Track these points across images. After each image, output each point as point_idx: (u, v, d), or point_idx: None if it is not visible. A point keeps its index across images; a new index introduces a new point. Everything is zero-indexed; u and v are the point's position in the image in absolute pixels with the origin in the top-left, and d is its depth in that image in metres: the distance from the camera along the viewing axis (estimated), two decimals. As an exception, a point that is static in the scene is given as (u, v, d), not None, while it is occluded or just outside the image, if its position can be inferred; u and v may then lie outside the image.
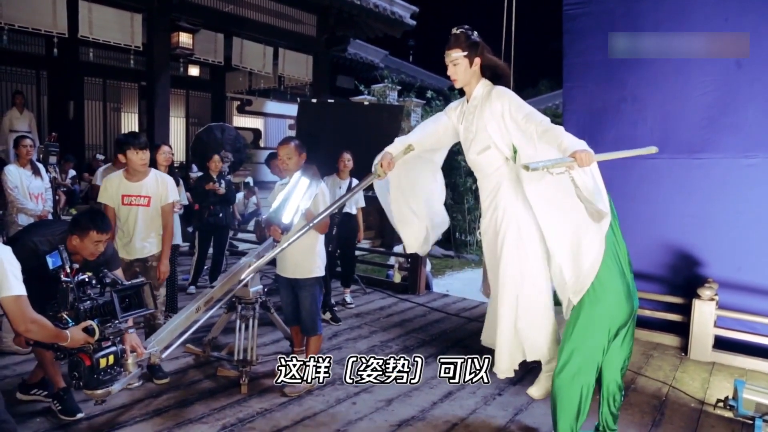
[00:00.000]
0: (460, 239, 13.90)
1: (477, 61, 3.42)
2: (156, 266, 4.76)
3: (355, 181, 6.80)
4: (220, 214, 7.53)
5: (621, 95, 6.14)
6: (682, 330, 5.86)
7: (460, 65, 3.41)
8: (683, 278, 5.94)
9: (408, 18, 13.58)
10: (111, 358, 3.32)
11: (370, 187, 3.96)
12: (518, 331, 3.46)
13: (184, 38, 10.87)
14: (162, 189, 4.74)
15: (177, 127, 15.26)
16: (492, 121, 3.36)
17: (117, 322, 3.32)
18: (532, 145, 3.18)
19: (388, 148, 3.67)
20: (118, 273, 3.97)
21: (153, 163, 6.11)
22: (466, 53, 3.38)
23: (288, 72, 12.96)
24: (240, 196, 12.25)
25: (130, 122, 14.67)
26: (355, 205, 6.92)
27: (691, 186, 5.86)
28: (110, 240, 3.93)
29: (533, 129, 3.15)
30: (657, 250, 6.05)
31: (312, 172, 4.25)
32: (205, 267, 7.85)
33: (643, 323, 6.18)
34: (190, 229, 7.95)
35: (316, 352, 4.59)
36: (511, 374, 3.54)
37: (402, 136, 3.75)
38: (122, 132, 14.01)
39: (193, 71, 14.58)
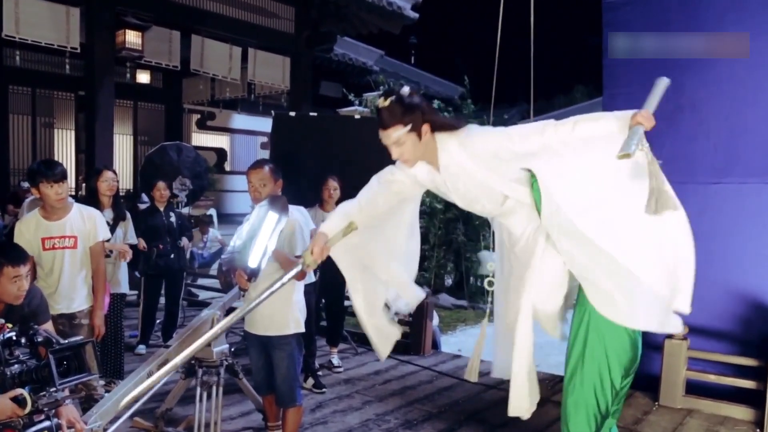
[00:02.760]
0: (475, 285, 13.80)
1: (425, 128, 3.22)
2: (85, 325, 4.74)
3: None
4: (172, 255, 7.46)
5: (677, 103, 6.16)
6: (757, 400, 5.81)
7: (406, 143, 3.23)
8: (758, 334, 5.90)
9: (408, 10, 13.69)
10: None
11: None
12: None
13: (132, 37, 10.97)
14: (90, 226, 4.74)
15: (123, 146, 15.33)
16: (491, 173, 3.24)
17: (53, 390, 3.29)
18: (556, 155, 3.08)
19: (323, 227, 3.54)
20: (49, 327, 3.93)
21: (94, 193, 6.12)
22: (409, 126, 3.19)
23: (260, 78, 13.05)
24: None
25: (64, 141, 14.73)
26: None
27: (767, 217, 5.86)
28: (33, 279, 3.91)
29: (555, 138, 3.05)
30: (723, 298, 6.03)
31: (281, 205, 4.23)
32: (158, 321, 7.82)
33: (708, 392, 6.14)
34: (137, 274, 7.94)
35: (295, 428, 4.56)
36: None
37: (342, 206, 3.62)
38: (54, 153, 14.08)
39: (143, 77, 14.65)
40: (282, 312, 4.42)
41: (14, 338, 3.37)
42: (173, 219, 7.59)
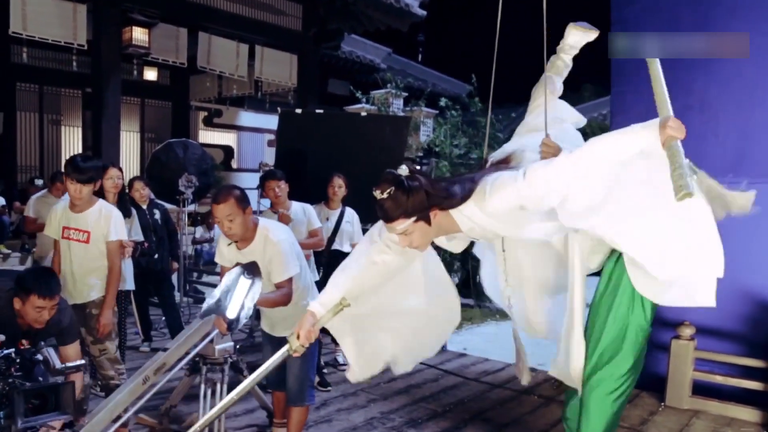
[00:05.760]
0: (482, 284, 13.76)
1: (435, 213, 2.93)
2: (97, 315, 4.80)
3: (348, 211, 6.77)
4: (156, 255, 7.24)
5: (686, 102, 6.12)
6: (765, 401, 5.78)
7: (414, 233, 2.94)
8: (765, 335, 5.87)
9: (416, 7, 13.67)
10: None
11: (370, 219, 3.92)
12: None
13: (139, 34, 10.96)
14: (104, 224, 4.79)
15: (129, 143, 15.33)
16: (520, 224, 3.00)
17: (18, 427, 3.26)
18: (581, 190, 2.83)
19: (312, 305, 3.24)
20: (75, 348, 4.03)
21: (99, 190, 6.11)
22: (415, 216, 2.89)
23: (267, 75, 13.05)
24: (200, 229, 12.13)
25: (72, 138, 14.73)
26: (349, 240, 6.86)
27: (776, 218, 5.81)
28: (66, 306, 4.03)
29: (576, 173, 2.77)
30: (730, 298, 5.98)
31: (254, 270, 3.95)
32: (163, 318, 7.81)
33: (714, 393, 6.10)
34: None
35: (300, 427, 4.55)
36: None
37: (333, 277, 3.29)
38: (62, 150, 14.09)
39: (150, 75, 14.68)
40: (295, 315, 4.36)
41: (12, 356, 3.39)
42: (158, 216, 7.43)
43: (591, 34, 4.33)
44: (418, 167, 3.09)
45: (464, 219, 2.97)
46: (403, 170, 2.90)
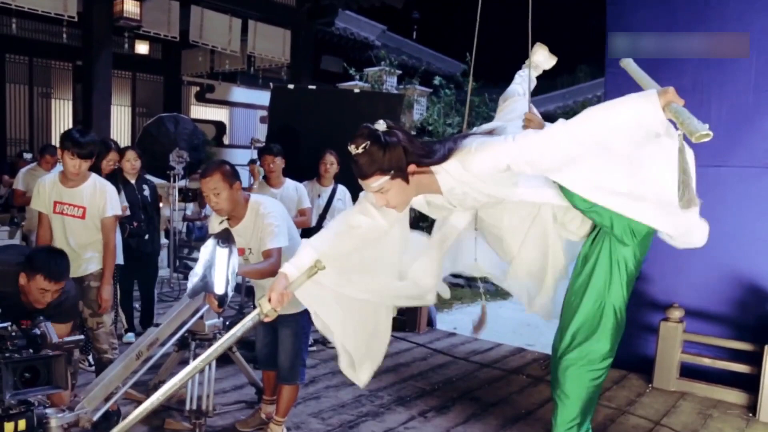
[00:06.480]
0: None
1: (412, 168, 2.86)
2: (95, 288, 4.83)
3: (340, 188, 6.77)
4: (146, 236, 6.84)
5: (680, 83, 6.08)
6: (751, 384, 5.82)
7: (391, 190, 2.86)
8: (754, 318, 5.90)
9: (412, -16, 13.59)
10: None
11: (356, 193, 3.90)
12: None
13: (130, 6, 10.88)
14: (99, 199, 4.79)
15: (121, 117, 15.26)
16: (505, 187, 2.95)
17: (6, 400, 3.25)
18: (577, 159, 2.81)
19: (285, 267, 3.06)
20: (62, 327, 3.95)
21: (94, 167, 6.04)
22: (391, 173, 2.81)
23: (260, 50, 12.98)
24: (191, 206, 12.10)
25: (62, 111, 14.65)
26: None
27: (766, 203, 5.83)
28: (71, 289, 4.03)
29: (571, 141, 2.71)
30: (720, 281, 6.02)
31: (226, 236, 3.92)
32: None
33: (702, 375, 6.15)
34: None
35: (289, 404, 4.56)
36: None
37: (311, 239, 3.15)
38: (52, 123, 14.02)
39: (142, 48, 14.58)
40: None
41: (9, 329, 3.39)
42: (147, 193, 6.96)
43: (551, 60, 4.35)
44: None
45: (446, 177, 2.90)
46: (381, 125, 2.85)
